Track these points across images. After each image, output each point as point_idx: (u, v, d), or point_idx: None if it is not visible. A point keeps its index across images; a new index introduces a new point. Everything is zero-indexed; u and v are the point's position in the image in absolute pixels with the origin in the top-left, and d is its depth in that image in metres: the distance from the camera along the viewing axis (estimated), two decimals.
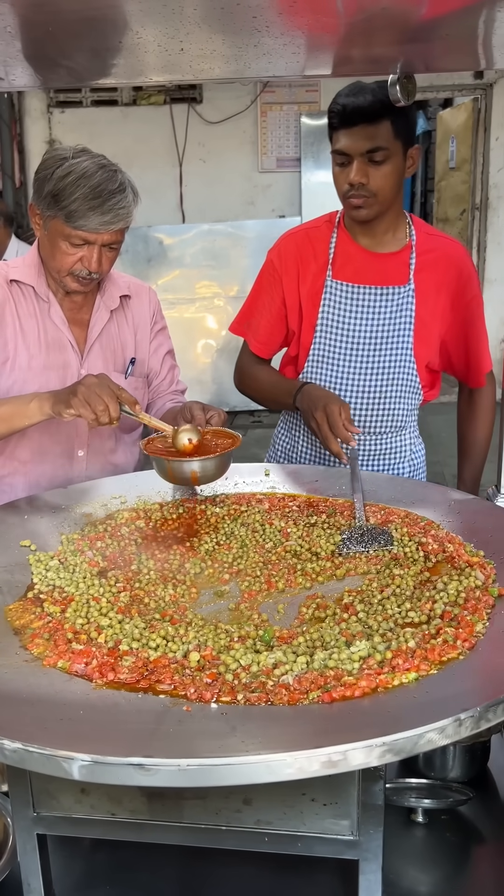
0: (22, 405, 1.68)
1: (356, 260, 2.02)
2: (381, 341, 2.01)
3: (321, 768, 0.86)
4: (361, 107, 1.81)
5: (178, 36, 1.10)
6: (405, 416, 2.09)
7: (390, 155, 1.86)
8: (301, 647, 1.13)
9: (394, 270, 2.01)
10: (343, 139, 1.86)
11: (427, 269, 2.00)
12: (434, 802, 1.29)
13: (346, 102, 1.84)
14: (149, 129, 6.83)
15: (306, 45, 1.23)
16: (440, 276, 2.01)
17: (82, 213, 1.66)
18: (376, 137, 1.83)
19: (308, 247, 2.05)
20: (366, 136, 1.83)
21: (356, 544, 1.49)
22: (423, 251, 2.01)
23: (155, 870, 1.24)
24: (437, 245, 2.04)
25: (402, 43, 1.25)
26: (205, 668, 1.08)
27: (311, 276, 2.04)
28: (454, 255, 2.03)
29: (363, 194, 1.89)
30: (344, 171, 1.90)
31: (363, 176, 1.87)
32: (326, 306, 2.02)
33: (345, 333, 2.02)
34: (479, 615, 1.18)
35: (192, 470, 1.64)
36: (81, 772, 0.87)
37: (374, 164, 1.86)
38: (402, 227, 2.03)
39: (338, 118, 1.86)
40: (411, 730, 0.88)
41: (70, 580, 1.38)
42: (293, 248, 2.07)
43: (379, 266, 2.01)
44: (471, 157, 7.23)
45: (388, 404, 2.05)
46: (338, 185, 1.94)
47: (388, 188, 1.90)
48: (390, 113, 1.81)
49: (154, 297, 2.07)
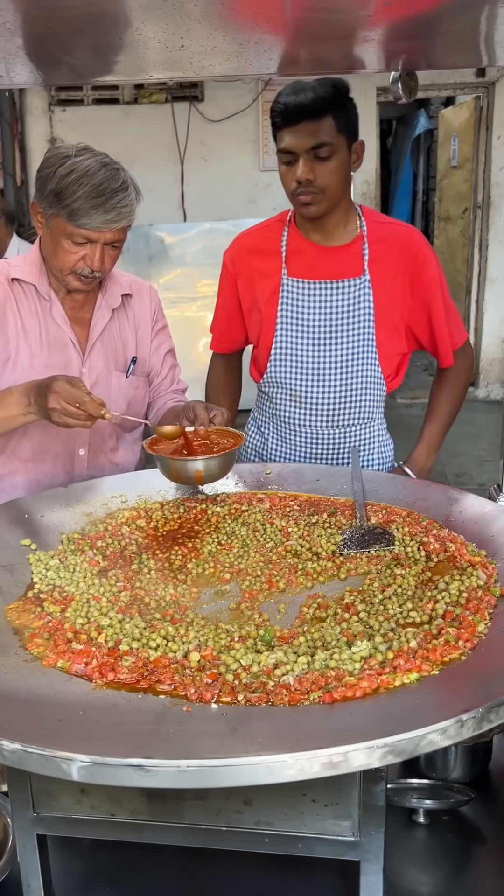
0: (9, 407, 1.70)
1: (309, 256, 2.04)
2: (342, 334, 2.03)
3: (322, 769, 0.85)
4: (303, 104, 1.84)
5: (178, 32, 1.09)
6: (372, 407, 2.11)
7: (335, 150, 1.88)
8: (302, 647, 1.12)
9: (347, 263, 2.03)
10: (287, 138, 1.89)
11: (381, 258, 2.02)
12: (435, 803, 1.28)
13: (287, 101, 1.86)
14: (150, 128, 6.82)
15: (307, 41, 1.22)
16: (395, 262, 2.02)
17: (85, 211, 1.66)
18: (320, 133, 1.86)
19: (260, 247, 2.09)
20: (309, 132, 1.86)
21: (357, 544, 1.48)
22: (375, 240, 2.03)
23: (155, 870, 1.23)
24: (389, 232, 2.06)
25: (404, 40, 1.25)
26: (205, 669, 1.08)
27: (266, 276, 2.06)
28: (407, 240, 2.05)
29: (311, 191, 1.92)
30: (290, 170, 1.92)
31: (310, 172, 1.89)
32: (285, 305, 2.04)
33: (305, 330, 2.04)
34: (481, 615, 1.17)
35: (196, 469, 1.65)
36: (81, 773, 0.86)
37: (319, 161, 1.89)
38: (352, 220, 2.05)
39: (280, 117, 1.88)
40: (413, 731, 0.87)
41: (70, 579, 1.37)
42: (245, 249, 2.11)
43: (332, 260, 2.03)
44: (473, 156, 7.21)
45: (354, 396, 2.07)
46: (285, 184, 1.96)
47: (335, 183, 1.93)
48: (332, 109, 1.85)
49: (155, 296, 2.06)
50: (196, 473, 1.66)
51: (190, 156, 6.87)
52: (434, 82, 6.88)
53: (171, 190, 6.92)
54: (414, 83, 1.60)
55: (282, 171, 1.95)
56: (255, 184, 7.00)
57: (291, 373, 2.06)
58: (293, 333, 2.04)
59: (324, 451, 2.11)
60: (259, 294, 2.06)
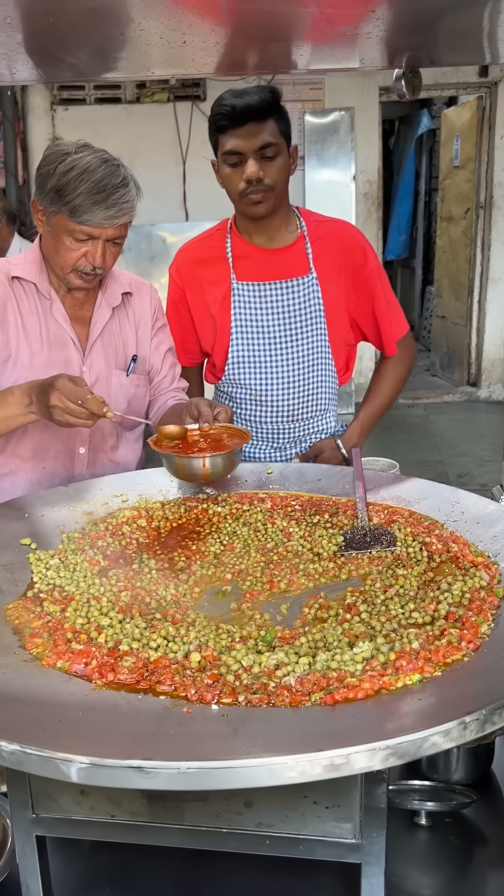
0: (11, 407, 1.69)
1: (256, 259, 2.08)
2: (296, 332, 2.08)
3: (323, 772, 0.84)
4: (251, 105, 1.88)
5: (180, 28, 1.08)
6: (327, 400, 2.19)
7: (280, 150, 1.94)
8: (303, 647, 1.11)
9: (293, 263, 2.08)
10: (234, 140, 1.93)
11: (323, 255, 2.09)
12: (437, 805, 1.27)
13: (234, 103, 1.89)
14: (152, 127, 6.81)
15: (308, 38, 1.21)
16: (335, 258, 2.09)
17: (86, 207, 1.65)
18: (266, 134, 1.91)
19: (205, 256, 2.12)
20: (257, 132, 1.90)
21: (358, 545, 1.47)
22: (315, 238, 2.09)
23: (155, 872, 1.22)
24: (327, 230, 2.12)
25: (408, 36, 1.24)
26: (206, 669, 1.07)
27: (215, 283, 2.09)
28: (344, 236, 2.13)
29: (261, 189, 1.96)
30: (237, 171, 1.96)
31: (259, 170, 1.93)
32: (237, 308, 2.07)
33: (260, 331, 2.08)
34: (484, 616, 1.17)
35: (202, 466, 1.65)
36: (80, 774, 0.85)
37: (266, 160, 1.93)
38: (292, 221, 2.11)
39: (228, 119, 1.91)
40: (415, 733, 0.87)
41: (70, 579, 1.37)
42: (191, 260, 2.14)
43: (278, 261, 2.08)
44: (475, 156, 7.19)
45: (310, 391, 2.13)
46: (232, 186, 1.99)
47: (281, 182, 1.98)
48: (274, 112, 1.91)
49: (155, 295, 2.06)
50: (203, 471, 1.66)
51: (192, 155, 6.86)
52: (437, 82, 6.87)
53: (173, 189, 6.91)
54: (417, 80, 1.59)
55: (227, 173, 1.99)
56: None
57: (250, 374, 2.11)
58: (249, 336, 2.08)
59: (283, 444, 2.19)
60: (210, 301, 2.10)
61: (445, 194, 8.02)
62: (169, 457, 1.68)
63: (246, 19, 1.06)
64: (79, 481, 1.86)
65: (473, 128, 7.19)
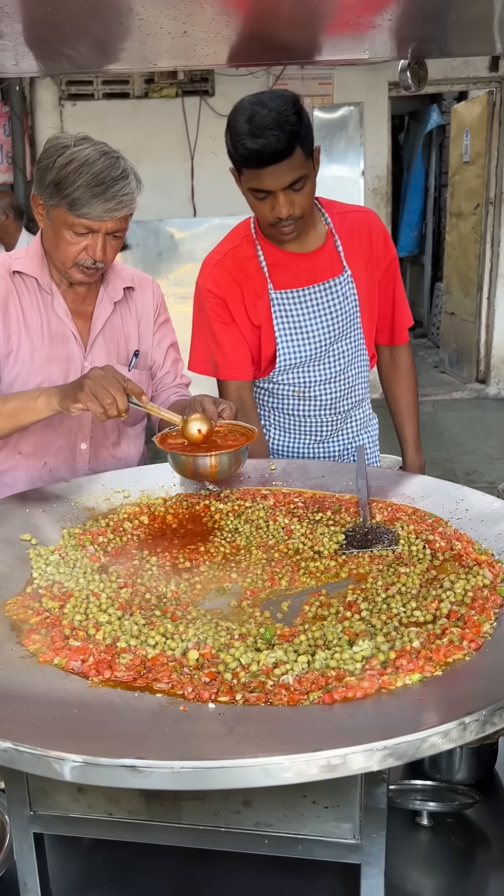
0: (29, 401, 1.66)
1: (290, 265, 2.04)
2: (337, 331, 2.06)
3: (320, 772, 0.83)
4: (277, 150, 1.77)
5: (180, 17, 1.07)
6: (363, 390, 2.19)
7: (308, 177, 1.87)
8: (302, 645, 1.10)
9: (327, 263, 2.05)
10: (261, 178, 1.83)
11: (352, 250, 2.06)
12: (439, 805, 1.26)
13: (257, 147, 1.77)
14: (160, 122, 6.79)
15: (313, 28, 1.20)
16: (363, 249, 2.07)
17: (86, 200, 1.64)
18: (295, 169, 1.82)
19: (239, 269, 2.05)
20: (284, 172, 1.81)
21: (359, 544, 1.46)
22: (343, 233, 2.06)
23: (153, 871, 1.22)
24: (351, 221, 2.09)
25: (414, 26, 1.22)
26: (203, 667, 1.06)
27: (255, 296, 2.05)
28: (368, 225, 2.10)
29: (291, 222, 1.91)
30: (265, 204, 1.89)
31: (290, 207, 1.87)
32: (279, 318, 2.04)
33: (304, 336, 2.05)
34: (487, 615, 1.15)
35: (209, 464, 1.63)
36: (73, 773, 0.85)
37: (296, 192, 1.86)
38: (318, 219, 2.06)
39: (252, 163, 1.81)
40: (414, 733, 0.85)
41: (70, 575, 1.36)
42: (226, 274, 2.06)
43: (313, 264, 2.04)
44: (485, 151, 7.15)
45: (350, 383, 2.13)
46: (261, 216, 1.94)
47: (310, 205, 1.94)
48: (297, 138, 1.78)
49: (157, 290, 2.04)
50: (210, 469, 1.64)
51: (200, 150, 6.84)
52: (447, 77, 6.83)
53: (181, 185, 6.89)
54: (423, 72, 1.57)
55: (253, 203, 1.92)
56: None
57: (297, 375, 2.08)
58: (294, 341, 2.05)
59: (324, 437, 2.17)
60: (252, 315, 2.06)
61: (455, 190, 7.97)
62: (175, 455, 1.67)
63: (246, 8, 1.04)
64: (80, 477, 1.85)
65: (483, 123, 7.14)
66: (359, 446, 1.97)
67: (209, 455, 1.64)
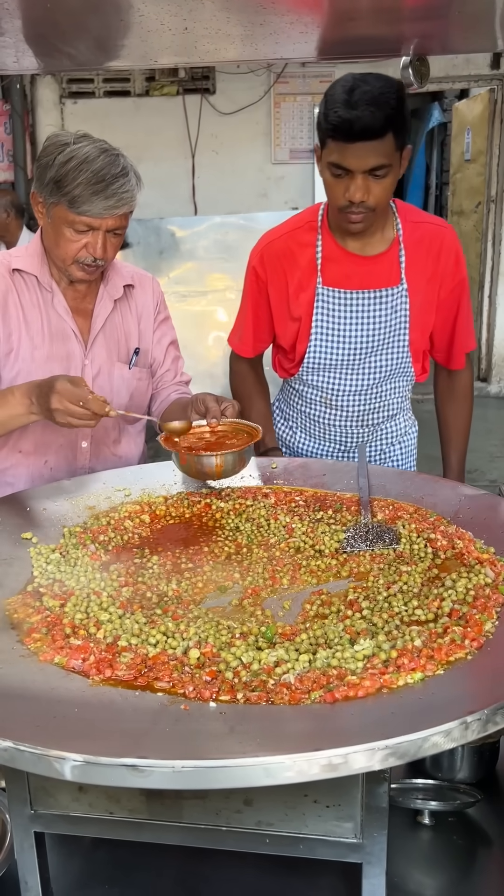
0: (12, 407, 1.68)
1: (345, 264, 1.96)
2: (377, 344, 1.98)
3: (321, 772, 0.83)
4: (369, 125, 1.68)
5: (181, 14, 1.07)
6: (399, 404, 2.10)
7: (392, 168, 1.78)
8: (304, 644, 1.10)
9: (384, 271, 1.96)
10: (342, 154, 1.74)
11: (417, 262, 1.96)
12: (441, 804, 1.26)
13: (349, 117, 1.68)
14: (161, 121, 6.78)
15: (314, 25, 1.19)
16: (431, 265, 1.96)
17: (86, 198, 1.64)
18: (381, 154, 1.74)
19: (291, 253, 1.99)
20: (369, 152, 1.72)
21: (360, 542, 1.45)
22: (411, 243, 1.96)
23: (154, 870, 1.21)
24: (425, 233, 1.98)
25: (415, 21, 1.21)
26: (204, 666, 1.06)
27: (301, 287, 1.98)
28: (442, 241, 1.98)
29: (362, 210, 1.82)
30: (341, 184, 1.79)
31: (365, 193, 1.78)
32: (319, 314, 1.98)
33: (340, 341, 1.99)
34: (489, 614, 1.15)
35: (215, 464, 1.63)
36: (73, 772, 0.84)
37: (375, 179, 1.77)
38: (389, 222, 1.97)
39: (341, 134, 1.72)
40: (415, 733, 0.85)
41: (71, 574, 1.36)
42: (276, 255, 2.01)
43: (369, 269, 1.96)
44: (487, 149, 7.13)
45: (382, 398, 2.05)
46: (333, 197, 1.84)
47: (385, 200, 1.84)
48: (392, 125, 1.72)
49: (157, 287, 2.04)
50: (215, 468, 1.64)
51: (201, 149, 6.83)
52: (448, 74, 6.80)
53: (182, 183, 6.88)
54: (425, 69, 1.56)
55: (330, 182, 1.81)
56: (266, 177, 6.96)
57: (324, 378, 2.03)
58: (328, 342, 1.99)
59: (350, 447, 2.10)
60: (293, 306, 2.00)
61: (456, 188, 7.96)
62: (179, 455, 1.67)
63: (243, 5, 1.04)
64: (81, 475, 1.85)
65: (485, 121, 7.12)
66: (360, 444, 1.96)
67: (214, 455, 1.63)
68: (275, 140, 6.87)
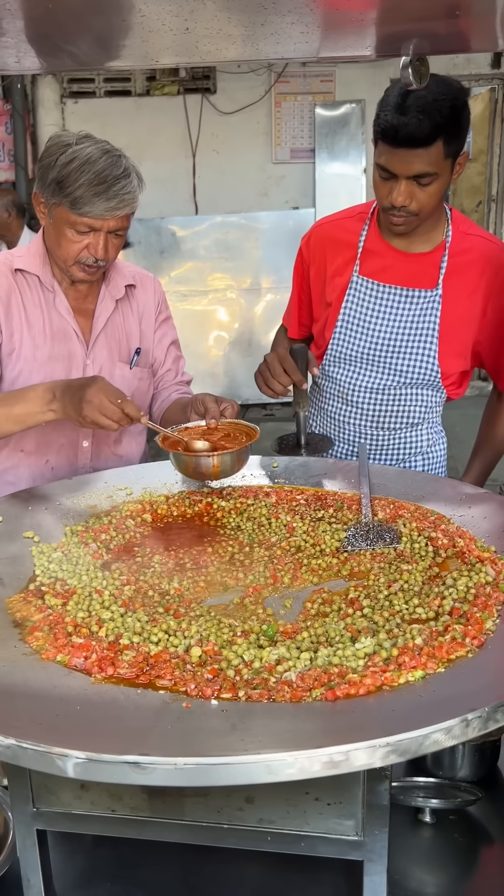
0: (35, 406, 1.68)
1: (385, 257, 1.96)
2: (401, 343, 1.96)
3: (322, 769, 0.83)
4: (414, 134, 1.68)
5: (182, 14, 1.06)
6: (422, 414, 2.05)
7: (438, 176, 1.77)
8: (305, 642, 1.10)
9: (423, 273, 1.94)
10: (389, 158, 1.75)
11: (459, 273, 1.93)
12: (442, 802, 1.26)
13: (396, 123, 1.68)
14: (162, 120, 6.79)
15: (315, 24, 1.19)
16: (474, 279, 1.93)
17: (87, 199, 1.64)
18: (426, 162, 1.73)
19: (336, 239, 2.00)
20: (414, 159, 1.72)
21: (361, 541, 1.45)
22: (457, 252, 1.93)
23: (156, 867, 1.22)
24: (473, 245, 1.95)
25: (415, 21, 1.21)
26: (206, 664, 1.06)
27: (337, 269, 1.98)
28: (490, 256, 1.94)
29: (404, 214, 1.82)
30: (386, 185, 1.80)
31: (408, 198, 1.78)
32: (349, 303, 1.97)
33: (364, 332, 1.98)
34: (489, 612, 1.15)
35: (212, 465, 1.63)
36: (76, 769, 0.85)
37: (420, 186, 1.77)
38: (439, 227, 1.94)
39: (388, 138, 1.72)
40: (417, 730, 0.85)
41: (73, 572, 1.36)
42: (321, 239, 2.03)
43: (408, 266, 1.95)
44: (487, 148, 7.14)
45: (403, 403, 2.02)
46: (379, 197, 1.85)
47: (431, 206, 1.83)
48: (443, 133, 1.70)
49: (159, 287, 2.04)
50: (213, 469, 1.64)
51: (202, 148, 6.84)
52: (448, 74, 6.77)
53: (182, 182, 6.89)
54: (425, 69, 1.55)
55: (378, 182, 1.83)
56: (267, 176, 6.96)
57: (343, 373, 2.02)
58: (352, 333, 1.99)
59: (369, 451, 2.07)
60: (328, 290, 2.00)
61: (457, 187, 7.96)
62: (177, 455, 1.67)
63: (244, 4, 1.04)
64: (82, 475, 1.85)
65: (486, 120, 7.13)
66: (360, 443, 1.95)
67: (211, 455, 1.64)
68: (275, 139, 6.87)
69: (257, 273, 6.94)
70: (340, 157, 6.90)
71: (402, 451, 2.09)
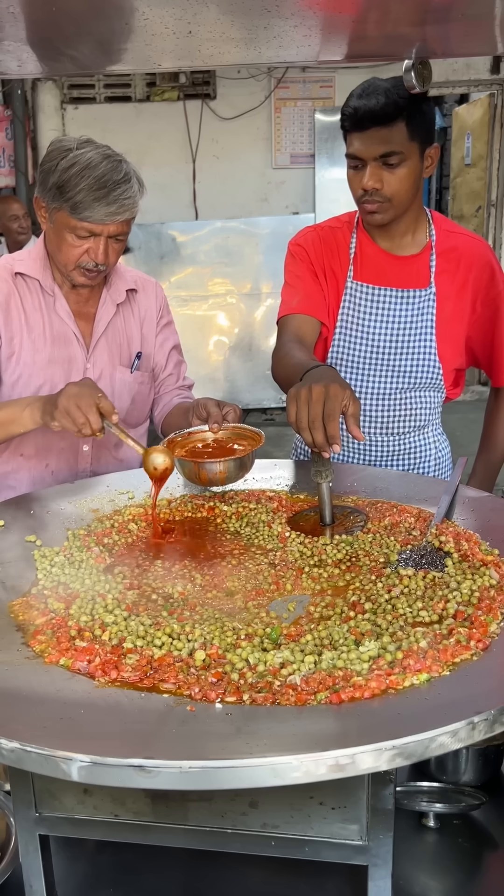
0: (17, 412, 1.68)
1: (376, 262, 1.98)
2: (401, 344, 1.97)
3: (328, 772, 0.83)
4: (373, 110, 1.74)
5: (185, 17, 1.07)
6: (426, 415, 2.05)
7: (405, 158, 1.79)
8: (309, 645, 1.10)
9: (414, 273, 1.96)
10: (356, 143, 1.80)
11: (448, 270, 1.96)
12: (446, 807, 1.25)
13: (357, 105, 1.75)
14: (162, 126, 6.81)
15: (317, 28, 1.20)
16: (462, 275, 1.95)
17: (88, 204, 1.64)
18: (390, 141, 1.76)
19: (330, 242, 2.00)
20: (379, 139, 1.76)
21: (410, 563, 1.35)
22: (443, 251, 1.96)
23: (159, 872, 1.21)
24: (458, 243, 1.98)
25: (416, 24, 1.22)
26: (210, 667, 1.05)
27: (332, 274, 1.99)
28: (476, 253, 1.98)
29: (377, 199, 1.84)
30: (358, 175, 1.83)
31: (377, 181, 1.81)
32: (346, 308, 1.98)
33: (364, 336, 1.98)
34: (494, 615, 1.14)
35: (218, 471, 1.62)
36: (80, 773, 0.84)
37: (388, 168, 1.79)
38: (421, 228, 1.97)
39: (350, 122, 1.79)
40: (422, 733, 0.85)
41: (75, 576, 1.35)
42: (316, 239, 2.02)
43: (399, 269, 1.97)
44: (487, 154, 7.15)
45: (408, 405, 2.01)
46: (352, 189, 1.88)
47: (403, 192, 1.84)
48: (405, 114, 1.74)
49: (160, 292, 2.04)
50: (219, 475, 1.63)
51: (202, 154, 6.85)
52: (448, 79, 6.83)
53: (182, 188, 6.91)
54: (427, 72, 1.56)
55: (349, 174, 1.86)
56: (267, 182, 6.98)
57: (348, 380, 1.99)
58: (351, 338, 1.99)
59: (376, 458, 2.06)
60: (326, 290, 2.00)
61: (457, 192, 7.98)
62: (183, 462, 1.66)
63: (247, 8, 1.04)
64: (82, 479, 1.85)
65: (485, 125, 7.15)
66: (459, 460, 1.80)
67: (217, 461, 1.62)
68: (275, 145, 6.89)
69: (257, 278, 6.95)
70: (340, 162, 6.87)
71: (413, 455, 2.08)
